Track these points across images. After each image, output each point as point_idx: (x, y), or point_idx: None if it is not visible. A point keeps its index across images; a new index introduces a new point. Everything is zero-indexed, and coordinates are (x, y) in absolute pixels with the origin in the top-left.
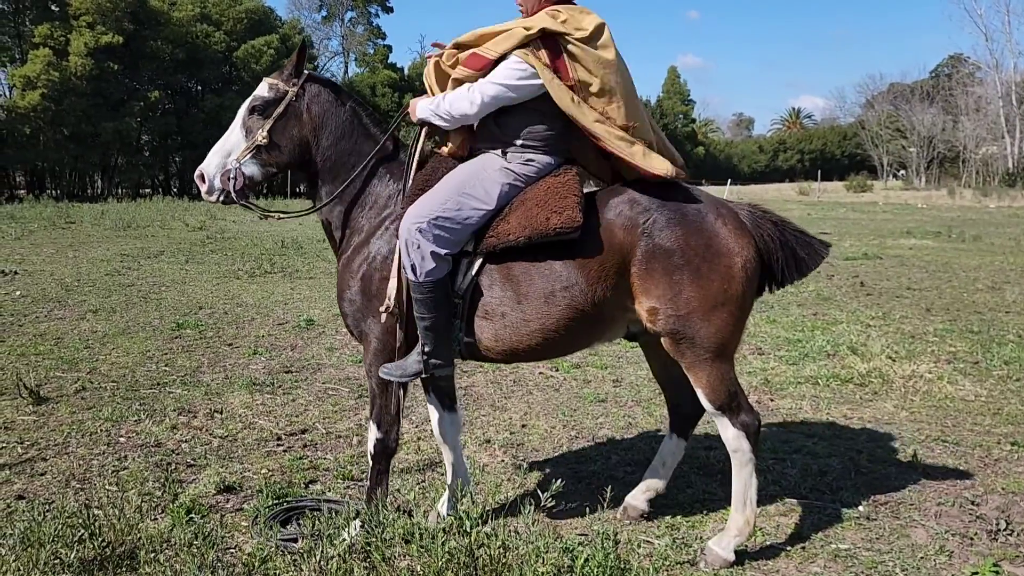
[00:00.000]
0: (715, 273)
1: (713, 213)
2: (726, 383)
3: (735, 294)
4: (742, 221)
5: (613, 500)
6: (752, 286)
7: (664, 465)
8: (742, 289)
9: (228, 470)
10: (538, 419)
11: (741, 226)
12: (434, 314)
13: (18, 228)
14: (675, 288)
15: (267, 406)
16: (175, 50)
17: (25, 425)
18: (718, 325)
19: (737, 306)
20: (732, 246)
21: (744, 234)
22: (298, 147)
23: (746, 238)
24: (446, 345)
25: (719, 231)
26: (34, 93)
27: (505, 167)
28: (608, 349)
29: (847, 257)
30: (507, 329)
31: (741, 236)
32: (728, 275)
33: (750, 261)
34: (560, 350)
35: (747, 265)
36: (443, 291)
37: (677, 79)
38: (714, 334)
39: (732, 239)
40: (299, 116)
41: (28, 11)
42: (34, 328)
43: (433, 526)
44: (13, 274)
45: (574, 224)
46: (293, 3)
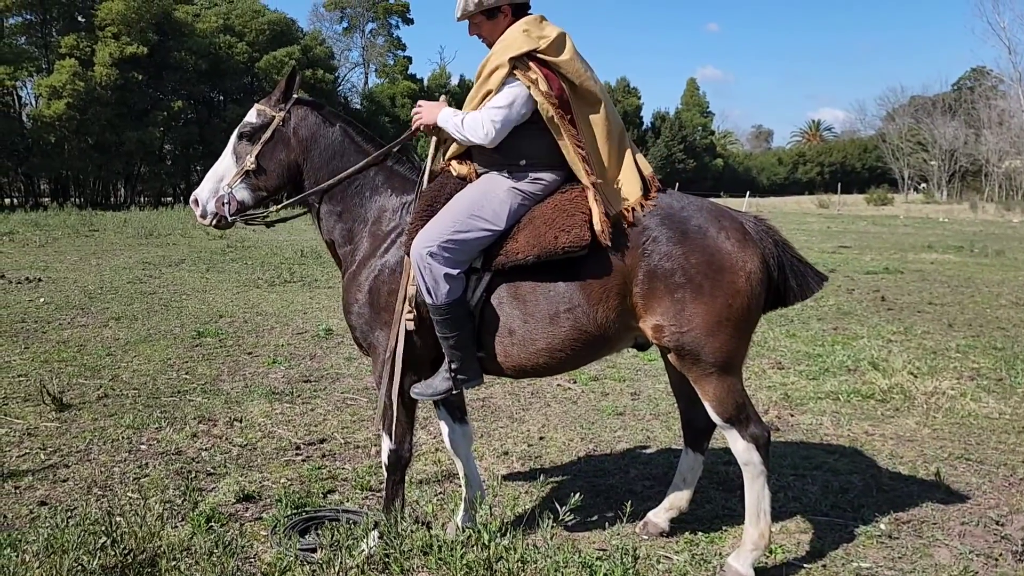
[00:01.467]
0: (718, 289)
1: (715, 227)
2: (733, 396)
3: (739, 308)
4: (747, 232)
5: (632, 515)
6: (758, 299)
7: (685, 482)
8: (747, 303)
9: (247, 479)
10: (556, 432)
11: (745, 238)
12: (456, 332)
13: (42, 235)
14: (678, 306)
15: (286, 415)
16: (198, 61)
17: (48, 431)
18: (723, 340)
19: (742, 320)
20: (735, 260)
21: (748, 246)
22: (287, 171)
23: (751, 250)
24: (472, 360)
25: (721, 246)
26: (59, 103)
27: (513, 187)
28: (626, 362)
29: (868, 271)
30: (515, 347)
31: (745, 249)
32: (732, 290)
33: (755, 273)
34: (567, 367)
35: (751, 278)
36: (463, 309)
37: (696, 91)
38: (718, 349)
39: (736, 253)
40: (287, 141)
41: (55, 22)
42: (57, 335)
43: (451, 537)
44: (37, 281)
45: (582, 243)
46: (315, 14)
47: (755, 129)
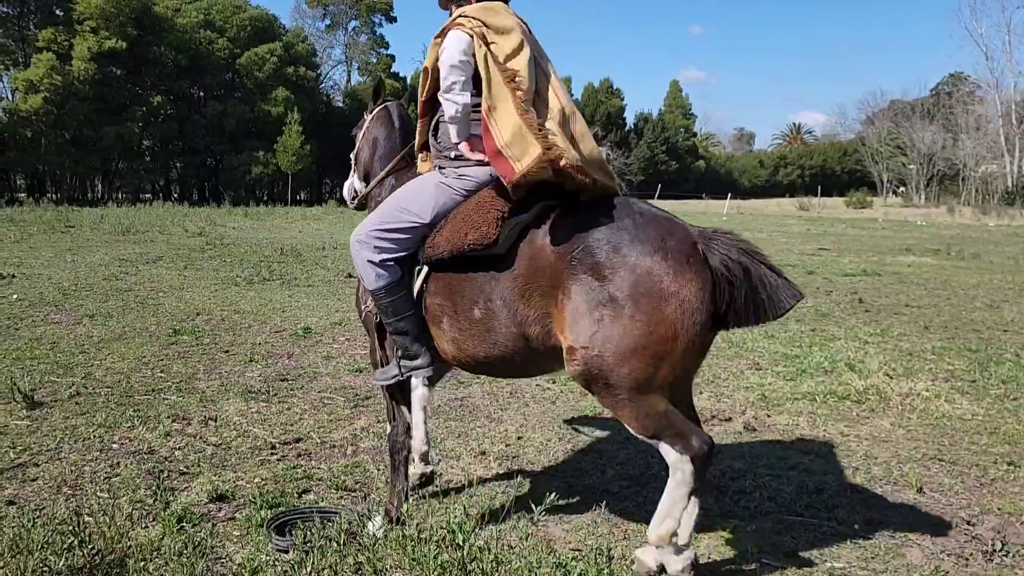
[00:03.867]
0: (640, 314)
1: (654, 244)
2: (655, 415)
3: (661, 337)
4: (693, 254)
5: (609, 516)
6: (689, 328)
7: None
8: (672, 332)
9: (221, 478)
10: (534, 431)
11: (687, 261)
12: (394, 318)
13: (17, 231)
14: (595, 326)
15: (262, 414)
16: (178, 56)
17: (18, 430)
18: (637, 367)
19: (663, 349)
20: (665, 287)
21: (687, 272)
22: (364, 161)
23: (690, 275)
24: (417, 347)
25: (653, 269)
26: (36, 97)
27: (441, 182)
28: None
29: (846, 273)
30: (447, 340)
31: (682, 273)
32: (657, 317)
33: (688, 301)
34: (498, 371)
35: (683, 306)
36: (399, 297)
37: (679, 93)
38: (630, 376)
39: (668, 278)
40: (368, 136)
41: (32, 15)
42: (30, 332)
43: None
44: (11, 278)
45: (486, 240)
46: (297, 11)
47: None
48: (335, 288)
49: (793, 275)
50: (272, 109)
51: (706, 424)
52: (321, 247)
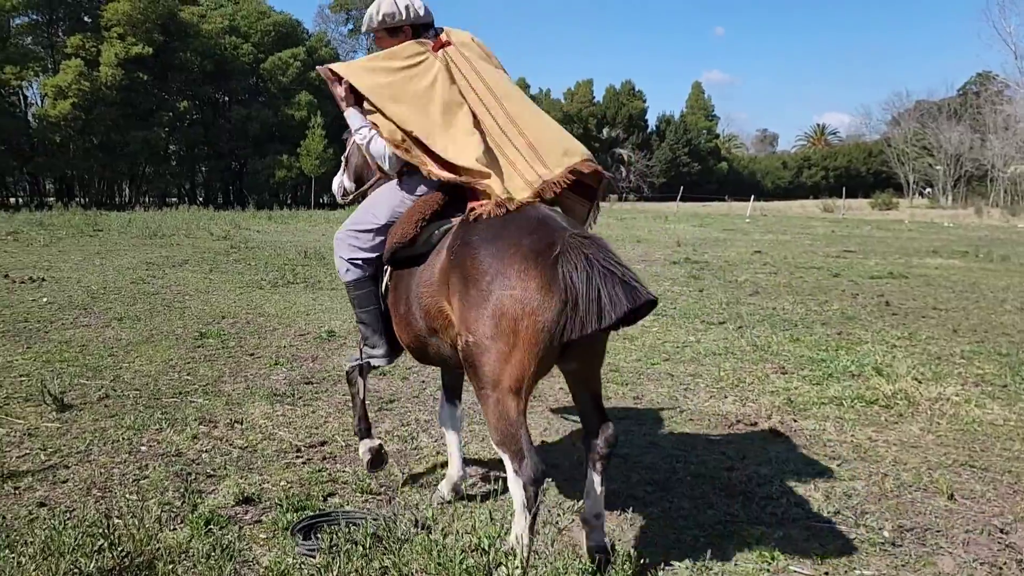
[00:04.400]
0: (489, 303)
1: (508, 243)
2: (505, 423)
3: (505, 330)
4: (540, 255)
5: (634, 520)
6: (529, 324)
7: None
8: (513, 326)
9: (247, 481)
10: (557, 435)
11: (532, 262)
12: (359, 310)
13: (47, 235)
14: (463, 314)
15: (287, 417)
16: (203, 62)
17: (49, 432)
18: (490, 360)
19: (514, 344)
20: (511, 282)
21: (531, 270)
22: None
23: (532, 274)
24: (377, 337)
25: (506, 265)
26: (65, 102)
27: (397, 188)
28: (628, 366)
29: (872, 276)
30: (397, 333)
31: (527, 270)
32: (499, 308)
33: (527, 300)
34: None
35: (523, 304)
36: (364, 292)
37: (701, 95)
38: (489, 365)
39: (515, 275)
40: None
41: (61, 22)
42: (59, 335)
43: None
44: (40, 281)
45: (404, 240)
46: (320, 16)
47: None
48: None
49: (818, 277)
50: (295, 113)
51: (731, 428)
52: None
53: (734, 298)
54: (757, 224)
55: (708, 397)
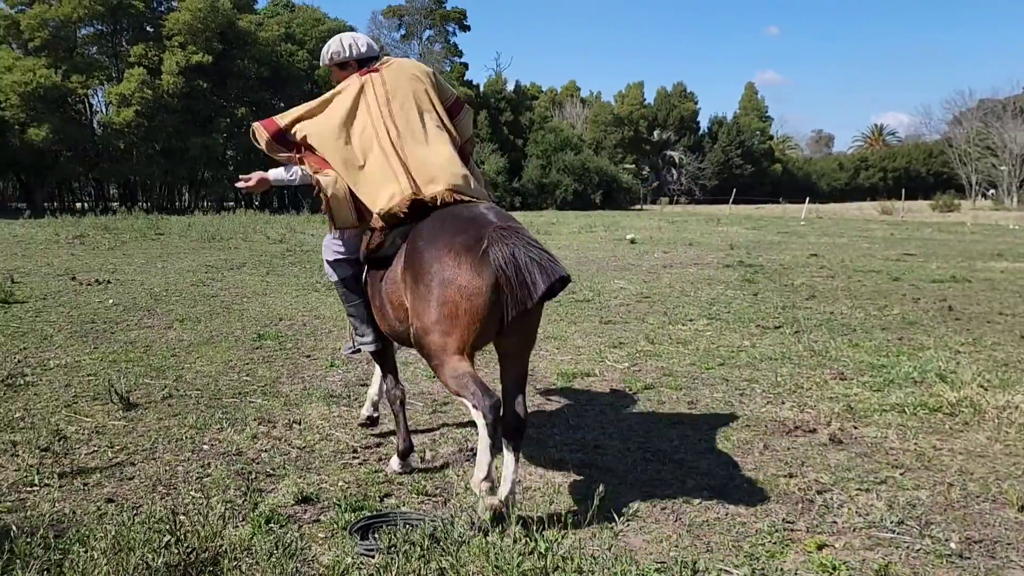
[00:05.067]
0: (433, 294)
1: (445, 241)
2: (455, 377)
3: (448, 313)
4: (471, 248)
5: (690, 526)
6: (468, 307)
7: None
8: (454, 310)
9: (306, 481)
10: (612, 439)
11: (465, 254)
12: (347, 304)
13: (112, 239)
14: (414, 305)
15: (343, 418)
16: (260, 68)
17: (116, 430)
18: (436, 338)
19: (451, 322)
20: (448, 274)
21: (465, 261)
22: None
23: (466, 265)
24: (366, 327)
25: (441, 260)
26: (129, 110)
27: None
28: (683, 371)
29: (934, 280)
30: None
31: (460, 264)
32: (442, 297)
33: (464, 286)
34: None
35: (461, 289)
36: (349, 288)
37: (755, 95)
38: (434, 343)
39: (451, 267)
40: None
41: (125, 32)
42: (125, 336)
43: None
44: (106, 283)
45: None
46: (373, 22)
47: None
48: None
49: (877, 281)
50: None
51: (789, 435)
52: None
53: (790, 302)
54: (813, 227)
55: (765, 403)
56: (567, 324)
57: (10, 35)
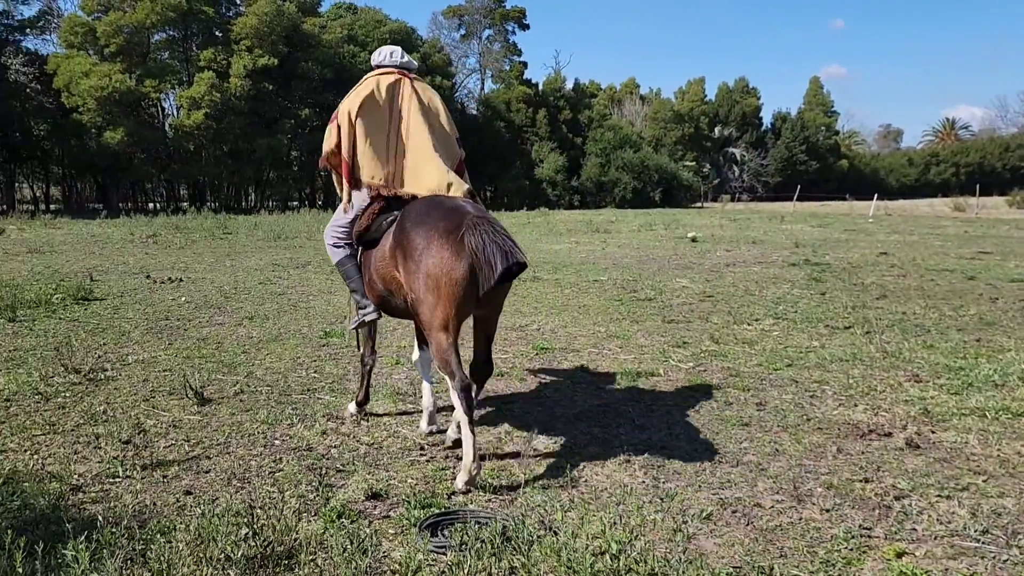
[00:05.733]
0: (419, 272)
1: (430, 227)
2: (440, 352)
3: (432, 286)
4: (451, 233)
5: (763, 531)
6: (447, 282)
7: None
8: (436, 283)
9: (375, 477)
10: (679, 441)
11: (446, 238)
12: (348, 281)
13: (182, 238)
14: (407, 279)
15: (410, 415)
16: (324, 70)
17: (191, 424)
18: (429, 309)
19: (436, 297)
20: (432, 253)
21: (446, 244)
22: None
23: (447, 247)
24: (366, 299)
25: (428, 240)
26: (198, 113)
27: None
28: (750, 371)
29: (1013, 279)
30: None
31: (442, 246)
32: (425, 276)
33: (444, 264)
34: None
35: (441, 266)
36: (348, 267)
37: (820, 90)
38: (428, 313)
39: (435, 246)
40: None
41: (195, 37)
42: (197, 332)
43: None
44: (179, 281)
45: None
46: (434, 22)
47: (883, 128)
48: None
49: (951, 280)
50: None
51: (863, 439)
52: None
53: (860, 302)
54: (881, 224)
55: (836, 405)
56: (629, 323)
57: (87, 42)
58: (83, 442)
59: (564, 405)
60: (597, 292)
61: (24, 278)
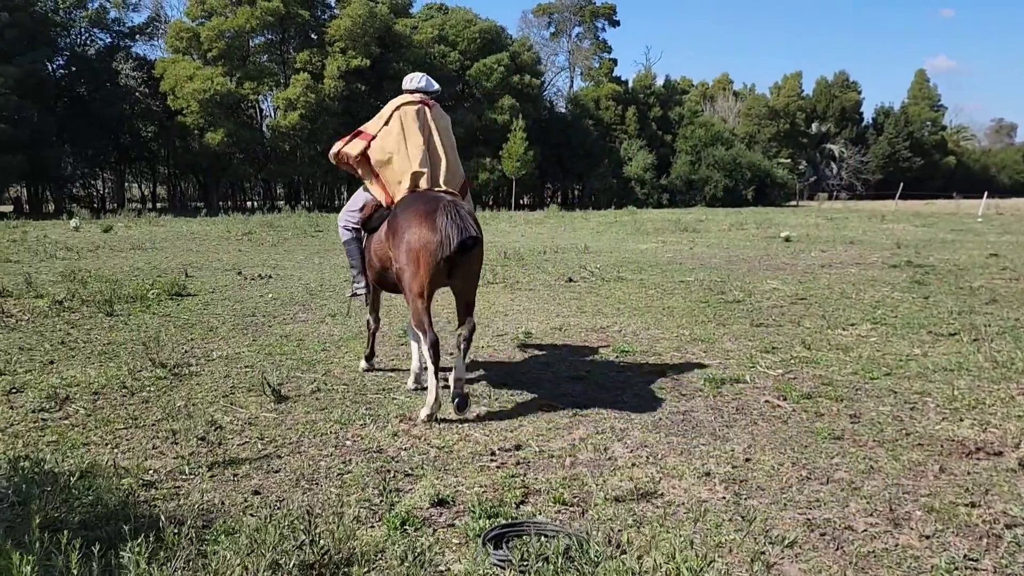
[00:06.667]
0: (403, 245)
1: (412, 211)
2: (416, 315)
3: (410, 259)
4: (428, 215)
5: (855, 557)
6: (423, 255)
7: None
8: (415, 256)
9: (443, 483)
10: (764, 453)
11: (423, 219)
12: (350, 259)
13: (275, 235)
14: (394, 253)
15: (483, 419)
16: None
17: (266, 422)
18: (409, 277)
19: (416, 266)
20: (412, 231)
21: (424, 224)
22: None
23: (425, 226)
24: (361, 276)
25: (409, 220)
26: (294, 114)
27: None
28: (843, 379)
29: None
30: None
31: (419, 226)
32: (407, 248)
33: (420, 240)
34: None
35: (419, 241)
36: (352, 247)
37: (925, 83)
38: (408, 282)
39: (413, 227)
40: None
41: (292, 40)
42: (281, 329)
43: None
44: (268, 278)
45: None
46: (523, 21)
47: (995, 123)
48: (556, 292)
49: None
50: (498, 117)
51: (970, 458)
52: (542, 251)
53: (967, 307)
54: (992, 224)
55: (940, 419)
56: (716, 326)
57: (192, 47)
58: (161, 437)
59: (643, 412)
60: (683, 293)
61: (125, 273)
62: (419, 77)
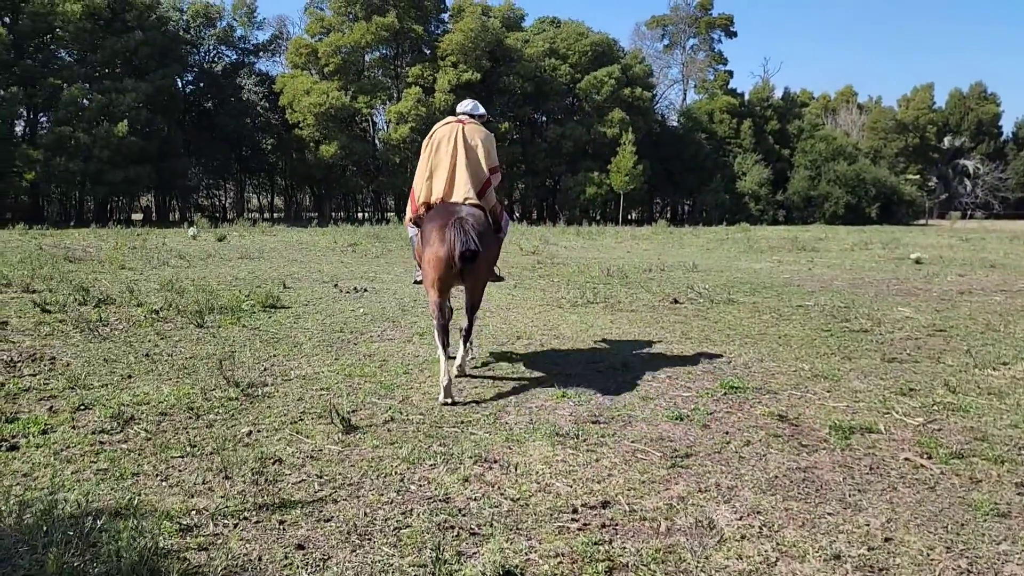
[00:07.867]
0: (424, 250)
1: (435, 222)
2: (433, 304)
3: (426, 263)
4: (443, 226)
5: None
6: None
7: None
8: (433, 257)
9: (513, 547)
10: (908, 532)
11: (440, 229)
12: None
13: (379, 247)
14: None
15: (567, 464)
16: (524, 84)
17: (329, 456)
18: (427, 276)
19: (429, 266)
20: (427, 240)
21: (435, 236)
22: None
23: (437, 235)
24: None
25: (429, 231)
26: (404, 127)
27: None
28: (1000, 433)
29: None
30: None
31: (436, 237)
32: (424, 253)
33: (429, 250)
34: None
35: (430, 251)
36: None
37: None
38: (427, 279)
39: (433, 235)
40: None
41: (405, 55)
42: (366, 347)
43: None
44: (363, 291)
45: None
46: (636, 33)
47: None
48: (659, 315)
49: None
50: (607, 131)
51: None
52: (647, 268)
53: None
54: None
55: None
56: (840, 359)
57: (309, 62)
58: (215, 470)
59: (754, 466)
60: (801, 319)
61: (226, 283)
62: (468, 103)
